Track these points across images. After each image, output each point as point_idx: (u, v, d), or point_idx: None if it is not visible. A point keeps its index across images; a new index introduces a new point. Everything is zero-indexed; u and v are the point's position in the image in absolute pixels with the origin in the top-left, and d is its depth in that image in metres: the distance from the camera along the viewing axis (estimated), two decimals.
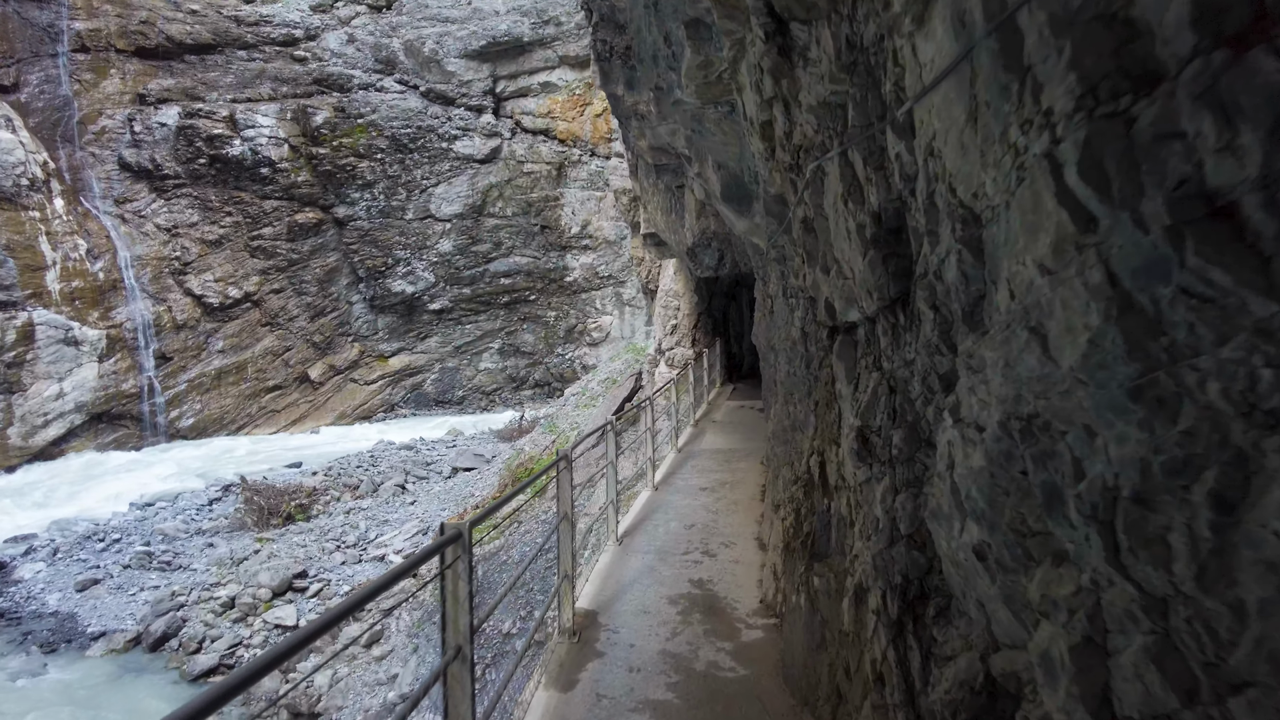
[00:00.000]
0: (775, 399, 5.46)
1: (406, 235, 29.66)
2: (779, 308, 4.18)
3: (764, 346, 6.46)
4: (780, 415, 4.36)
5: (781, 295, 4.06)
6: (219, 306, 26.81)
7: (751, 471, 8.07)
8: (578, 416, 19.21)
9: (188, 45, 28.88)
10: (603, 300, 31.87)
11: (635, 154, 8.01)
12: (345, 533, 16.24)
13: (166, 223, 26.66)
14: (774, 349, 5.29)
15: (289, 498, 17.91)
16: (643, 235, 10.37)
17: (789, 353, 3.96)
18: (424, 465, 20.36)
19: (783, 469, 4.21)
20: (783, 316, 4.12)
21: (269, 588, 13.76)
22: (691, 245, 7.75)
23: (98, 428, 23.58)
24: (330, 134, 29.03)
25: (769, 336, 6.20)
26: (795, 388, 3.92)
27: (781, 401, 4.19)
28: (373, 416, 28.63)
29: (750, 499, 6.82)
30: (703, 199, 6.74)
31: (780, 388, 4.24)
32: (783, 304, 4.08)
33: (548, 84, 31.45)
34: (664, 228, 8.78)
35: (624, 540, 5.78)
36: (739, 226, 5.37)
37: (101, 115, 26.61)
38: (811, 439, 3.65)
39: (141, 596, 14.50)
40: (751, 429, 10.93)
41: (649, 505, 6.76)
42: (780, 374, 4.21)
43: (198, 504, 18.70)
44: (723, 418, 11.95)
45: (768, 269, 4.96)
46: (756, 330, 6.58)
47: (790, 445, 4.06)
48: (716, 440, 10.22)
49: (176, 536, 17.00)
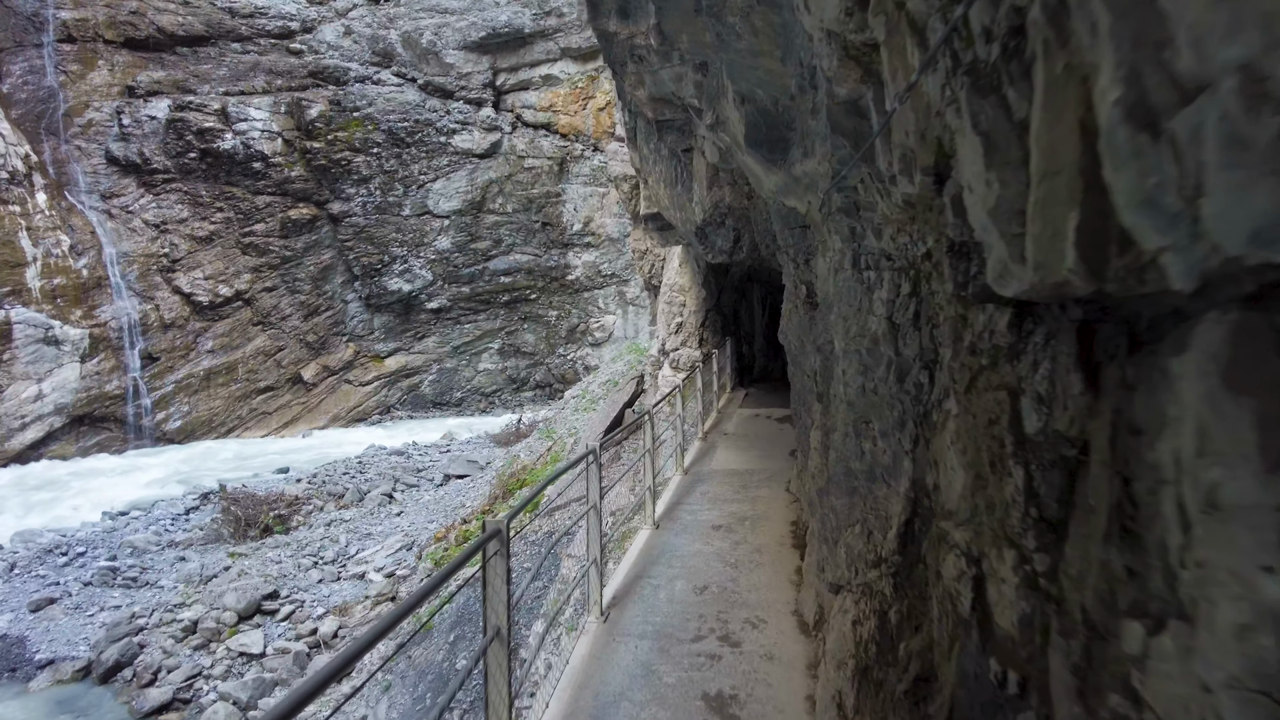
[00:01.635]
0: (815, 418, 3.92)
1: (403, 232, 28.24)
2: (844, 287, 2.67)
3: (795, 346, 4.96)
4: (841, 448, 2.85)
5: (851, 267, 2.57)
6: (209, 305, 25.43)
7: (776, 502, 6.58)
8: (576, 421, 17.75)
9: (179, 37, 27.51)
10: (605, 299, 30.39)
11: (633, 112, 6.53)
12: (324, 547, 14.81)
13: (155, 218, 25.30)
14: (817, 349, 3.77)
15: (268, 507, 16.48)
16: (643, 217, 8.87)
17: (863, 356, 2.47)
18: (415, 472, 18.91)
19: (845, 533, 2.72)
20: (850, 299, 2.62)
21: (234, 610, 12.33)
22: (701, 224, 6.27)
23: (79, 431, 22.22)
24: (325, 128, 27.63)
25: (804, 332, 4.68)
26: (875, 411, 2.43)
27: (846, 431, 2.69)
28: (368, 419, 27.22)
29: (777, 543, 5.25)
30: (716, 161, 5.27)
31: (843, 407, 2.74)
32: (852, 281, 2.58)
33: (549, 77, 29.99)
34: (668, 204, 7.27)
35: (610, 613, 4.24)
36: (768, 184, 3.86)
37: (88, 107, 25.26)
38: (910, 499, 2.12)
39: (100, 618, 13.09)
40: (770, 443, 9.48)
41: (647, 552, 5.28)
42: (844, 388, 2.71)
43: (173, 513, 17.29)
44: (735, 429, 10.47)
45: (819, 236, 3.44)
46: (785, 326, 5.10)
47: (862, 499, 2.56)
48: (730, 458, 8.69)
49: (146, 549, 15.59)
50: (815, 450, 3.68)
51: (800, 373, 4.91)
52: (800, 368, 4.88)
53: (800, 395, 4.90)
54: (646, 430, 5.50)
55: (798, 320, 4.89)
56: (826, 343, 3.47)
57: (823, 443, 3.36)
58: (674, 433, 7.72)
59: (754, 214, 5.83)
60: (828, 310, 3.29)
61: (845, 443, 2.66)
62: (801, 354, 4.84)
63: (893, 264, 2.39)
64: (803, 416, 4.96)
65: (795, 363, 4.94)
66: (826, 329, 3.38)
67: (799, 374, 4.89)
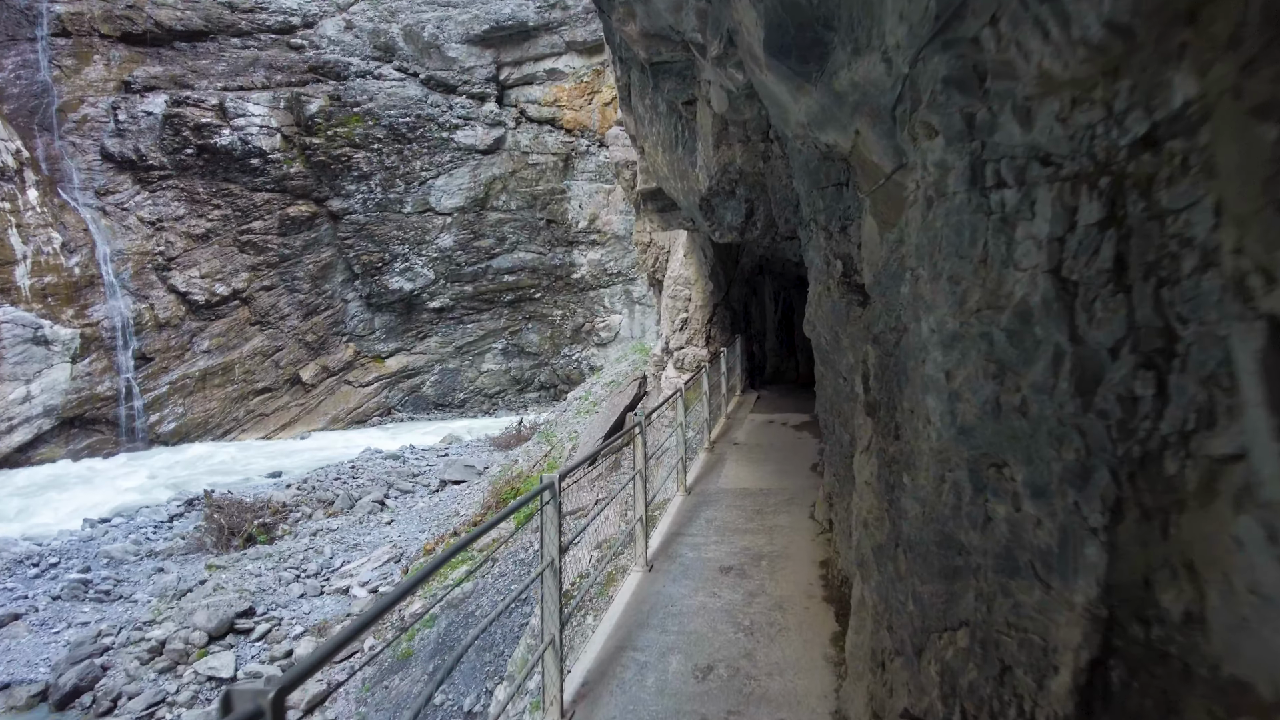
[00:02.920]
0: (866, 438, 2.77)
1: (405, 230, 27.25)
2: (949, 224, 1.53)
3: (827, 340, 3.80)
4: (933, 502, 1.69)
5: (966, 186, 1.45)
6: (205, 304, 24.52)
7: (798, 533, 5.29)
8: (577, 424, 16.64)
9: (178, 32, 26.66)
10: (611, 298, 29.27)
11: (624, 62, 5.41)
12: (307, 559, 13.76)
13: (150, 216, 24.42)
14: (873, 340, 2.62)
15: (254, 515, 15.45)
16: (641, 195, 7.69)
17: (994, 346, 1.32)
18: (410, 477, 17.85)
19: (938, 642, 1.58)
20: (959, 245, 1.48)
21: (204, 630, 11.28)
22: (706, 194, 5.12)
23: (70, 433, 21.34)
24: (325, 123, 26.69)
25: (839, 322, 3.53)
26: (1019, 447, 1.30)
27: (947, 474, 1.55)
28: (368, 420, 26.22)
29: (804, 595, 3.97)
30: (724, 111, 4.15)
31: (942, 433, 1.58)
32: (966, 210, 1.44)
33: (554, 71, 28.92)
34: (667, 173, 6.10)
35: (576, 714, 3.01)
36: (797, 113, 2.74)
37: (83, 103, 24.43)
38: (1101, 622, 0.94)
39: (66, 635, 12.10)
40: (788, 456, 8.16)
41: (636, 607, 4.07)
42: (946, 401, 1.56)
43: (156, 521, 16.32)
44: (747, 438, 9.12)
45: (870, 180, 2.31)
46: (812, 315, 3.95)
47: (980, 598, 1.40)
48: (741, 474, 7.40)
49: (124, 560, 14.61)
50: (868, 488, 2.51)
51: (832, 373, 3.75)
52: (833, 367, 3.72)
53: (832, 402, 3.75)
54: (636, 446, 4.32)
55: (830, 307, 3.72)
56: (889, 329, 2.31)
57: (886, 481, 2.20)
58: (677, 440, 6.57)
59: (771, 180, 4.70)
60: (894, 281, 2.14)
61: (943, 494, 1.55)
62: (835, 350, 3.68)
63: (1058, 171, 1.25)
64: (835, 429, 3.81)
65: (826, 361, 3.79)
66: (891, 309, 2.22)
67: (830, 375, 3.74)
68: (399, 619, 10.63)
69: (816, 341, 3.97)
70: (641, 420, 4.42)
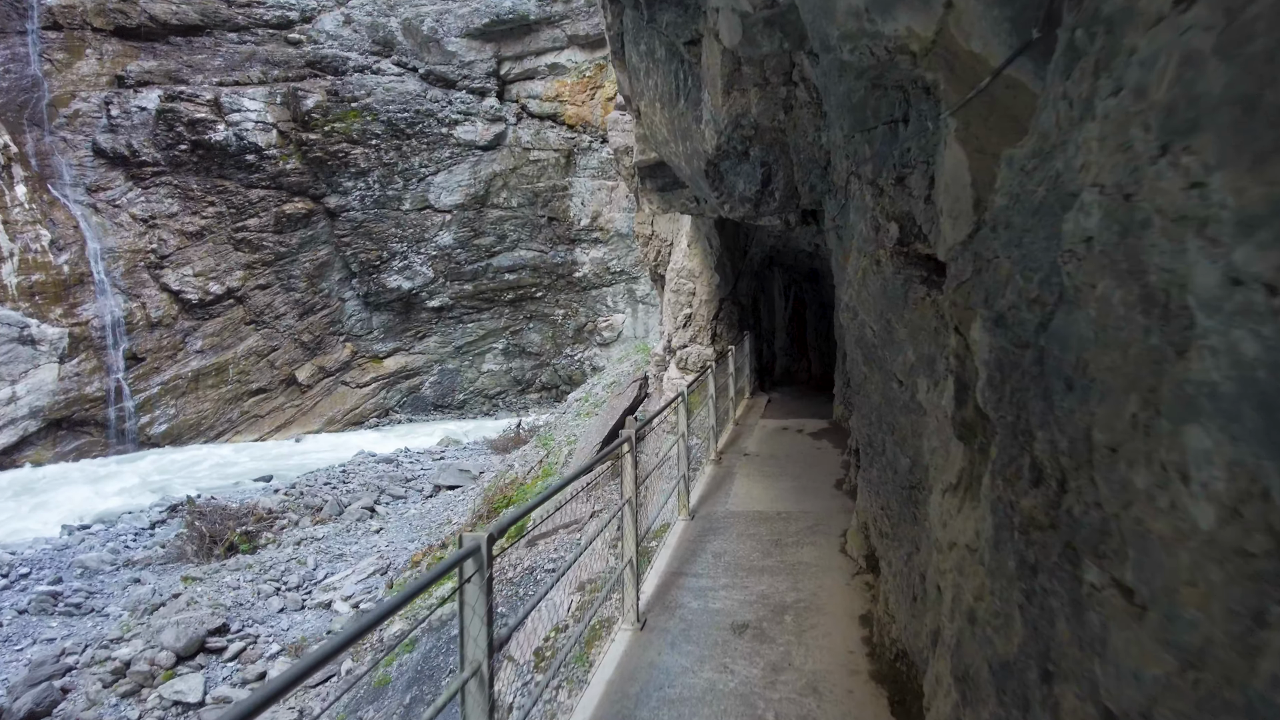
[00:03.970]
0: (952, 468, 1.73)
1: (403, 227, 26.38)
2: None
3: (876, 331, 2.83)
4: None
5: None
6: (198, 303, 23.70)
7: (829, 573, 4.19)
8: (576, 427, 15.70)
9: (173, 26, 25.87)
10: (614, 297, 28.34)
11: (617, 1, 4.46)
12: (290, 570, 12.86)
13: (143, 213, 23.62)
14: (916, 334, 1.63)
15: (237, 522, 14.58)
16: (638, 171, 6.71)
17: None
18: (403, 482, 16.95)
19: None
20: None
21: (172, 650, 10.39)
22: (714, 155, 4.17)
23: (57, 435, 20.53)
24: (322, 119, 25.84)
25: (893, 305, 2.56)
26: None
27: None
28: (365, 422, 25.35)
29: (846, 672, 2.97)
30: (736, 45, 3.22)
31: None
32: None
33: (556, 65, 28.01)
34: (666, 136, 5.14)
35: None
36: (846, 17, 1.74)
37: (75, 98, 23.66)
38: None
39: (29, 653, 11.25)
40: (807, 468, 7.06)
41: (620, 690, 3.02)
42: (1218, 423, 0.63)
43: (137, 527, 15.46)
44: (758, 447, 8.01)
45: None
46: (853, 300, 2.99)
47: None
48: (753, 492, 6.27)
49: (99, 570, 13.75)
50: (973, 558, 1.56)
51: (881, 374, 2.79)
52: (881, 366, 2.76)
53: (880, 412, 2.79)
54: (626, 470, 3.42)
55: (879, 286, 2.76)
56: (1026, 304, 1.35)
57: (1023, 558, 1.26)
58: (677, 456, 5.58)
59: (794, 136, 3.78)
60: (1039, 220, 1.19)
61: (1228, 632, 0.66)
62: (886, 343, 2.72)
63: None
64: (884, 448, 2.86)
65: (872, 358, 2.82)
66: (1031, 267, 1.25)
67: (877, 376, 2.79)
68: (378, 639, 9.71)
69: (858, 334, 3.02)
70: (631, 436, 3.44)
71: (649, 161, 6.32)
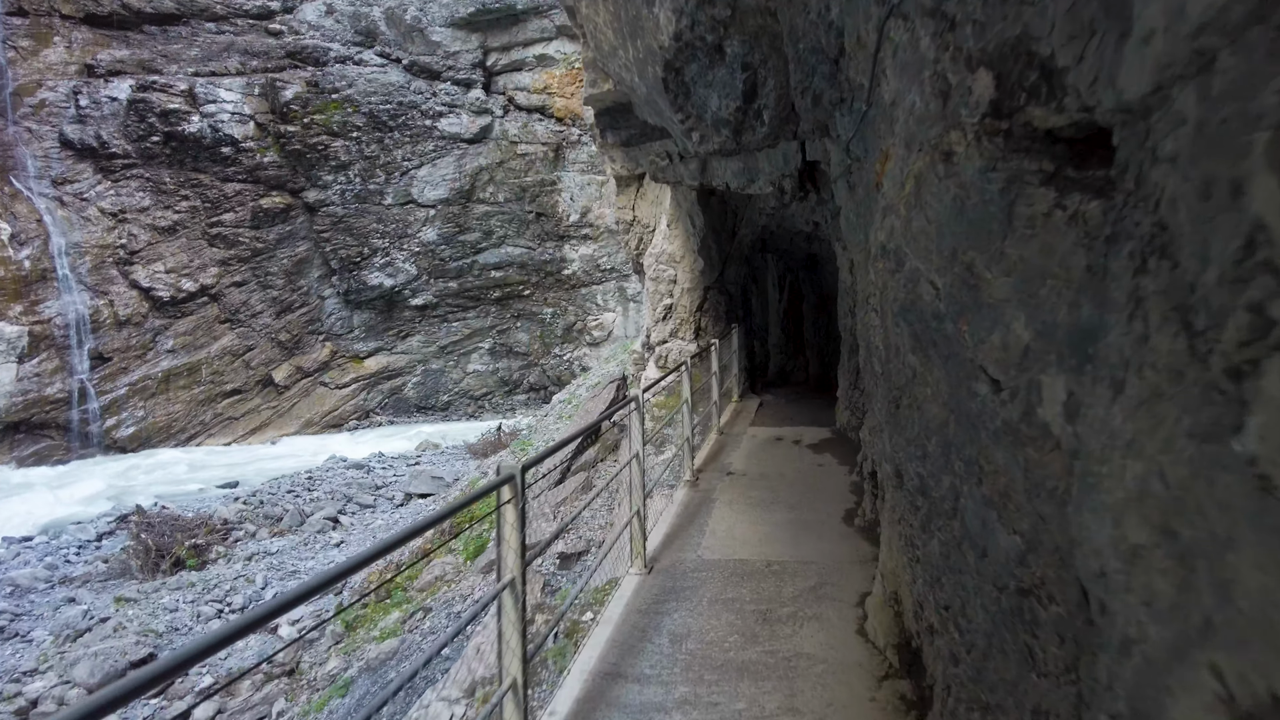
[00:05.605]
0: (1004, 481, 0.75)
1: (385, 223, 25.03)
2: None
3: (946, 286, 1.49)
4: None
5: None
6: (170, 301, 22.31)
7: (844, 675, 2.83)
8: (557, 431, 14.37)
9: (147, 15, 24.51)
10: (605, 295, 27.01)
11: None
12: (236, 590, 11.50)
13: (112, 207, 22.24)
14: (1032, 283, 0.39)
15: (188, 535, 13.19)
16: (592, 110, 5.35)
17: None
18: (372, 490, 15.59)
19: None
20: None
21: (85, 687, 9.00)
22: (674, 53, 2.82)
23: (14, 439, 19.15)
24: (301, 110, 24.48)
25: (991, 237, 1.12)
26: None
27: None
28: (344, 425, 23.98)
29: None
30: None
31: None
32: None
33: (544, 57, 26.70)
34: (614, 42, 3.80)
35: None
36: None
37: (41, 87, 22.30)
38: None
39: None
40: (805, 493, 5.57)
41: None
42: None
43: (82, 540, 14.08)
44: (746, 463, 6.52)
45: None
46: (899, 236, 1.69)
47: None
48: (736, 529, 4.76)
49: (32, 588, 12.38)
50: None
51: (951, 371, 1.45)
52: (953, 356, 1.43)
53: (947, 441, 1.48)
54: (505, 552, 2.15)
55: (952, 201, 1.40)
56: None
57: None
58: (630, 484, 4.00)
59: (790, 15, 2.46)
60: None
61: None
62: (966, 309, 1.37)
63: None
64: (959, 504, 1.52)
65: (930, 339, 1.48)
66: None
67: (941, 373, 1.48)
68: (313, 676, 8.33)
69: (905, 298, 1.70)
70: (517, 484, 2.16)
71: (603, 98, 4.96)
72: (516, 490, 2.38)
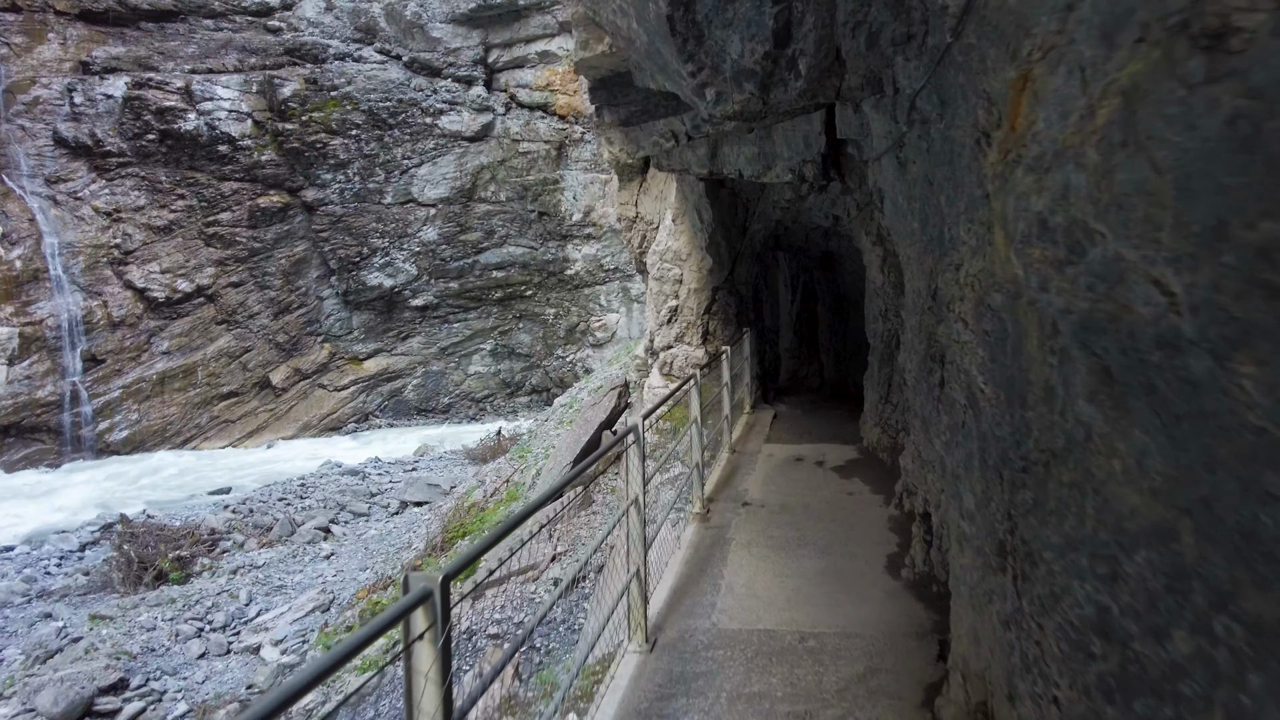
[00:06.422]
0: None
1: (385, 222, 24.37)
2: None
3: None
4: None
5: None
6: (165, 301, 21.71)
7: None
8: (557, 436, 13.66)
9: (144, 11, 23.89)
10: (608, 296, 26.31)
11: None
12: (218, 606, 10.84)
13: (107, 205, 21.65)
14: None
15: (173, 545, 12.55)
16: (585, 80, 4.73)
17: None
18: (367, 497, 14.93)
19: None
20: None
21: (48, 716, 8.31)
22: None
23: (5, 443, 18.59)
24: (299, 108, 23.84)
25: None
26: None
27: None
28: (343, 427, 23.33)
29: None
30: None
31: None
32: None
33: (546, 53, 26.00)
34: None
35: None
36: None
37: (35, 84, 21.72)
38: None
39: None
40: (838, 529, 4.69)
41: None
42: None
43: (65, 550, 13.45)
44: (764, 492, 5.60)
45: None
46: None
47: None
48: (757, 583, 3.87)
49: (8, 602, 11.76)
50: None
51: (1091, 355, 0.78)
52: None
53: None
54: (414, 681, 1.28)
55: (1183, 122, 0.70)
56: None
57: None
58: (630, 535, 3.10)
59: None
60: None
61: None
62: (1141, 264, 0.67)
63: None
64: None
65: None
66: None
67: (1080, 359, 0.83)
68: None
69: (1097, 309, 1.02)
70: (435, 607, 1.39)
71: (597, 64, 4.26)
72: (434, 615, 1.49)
